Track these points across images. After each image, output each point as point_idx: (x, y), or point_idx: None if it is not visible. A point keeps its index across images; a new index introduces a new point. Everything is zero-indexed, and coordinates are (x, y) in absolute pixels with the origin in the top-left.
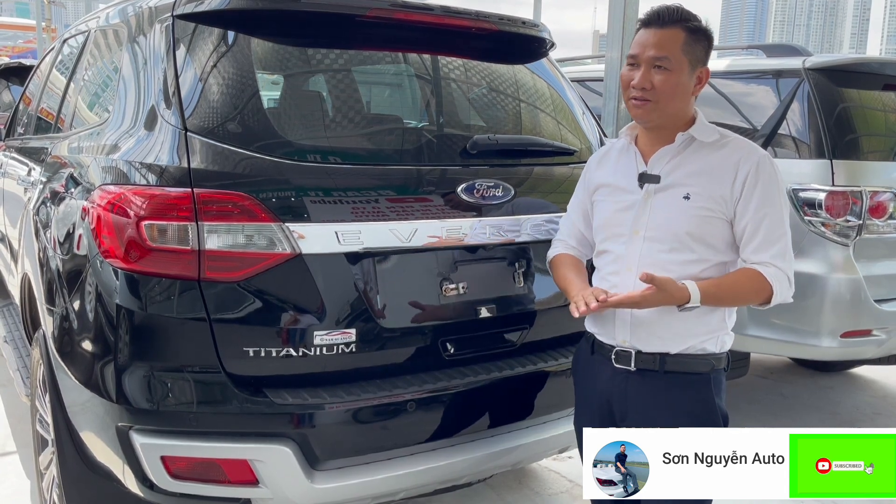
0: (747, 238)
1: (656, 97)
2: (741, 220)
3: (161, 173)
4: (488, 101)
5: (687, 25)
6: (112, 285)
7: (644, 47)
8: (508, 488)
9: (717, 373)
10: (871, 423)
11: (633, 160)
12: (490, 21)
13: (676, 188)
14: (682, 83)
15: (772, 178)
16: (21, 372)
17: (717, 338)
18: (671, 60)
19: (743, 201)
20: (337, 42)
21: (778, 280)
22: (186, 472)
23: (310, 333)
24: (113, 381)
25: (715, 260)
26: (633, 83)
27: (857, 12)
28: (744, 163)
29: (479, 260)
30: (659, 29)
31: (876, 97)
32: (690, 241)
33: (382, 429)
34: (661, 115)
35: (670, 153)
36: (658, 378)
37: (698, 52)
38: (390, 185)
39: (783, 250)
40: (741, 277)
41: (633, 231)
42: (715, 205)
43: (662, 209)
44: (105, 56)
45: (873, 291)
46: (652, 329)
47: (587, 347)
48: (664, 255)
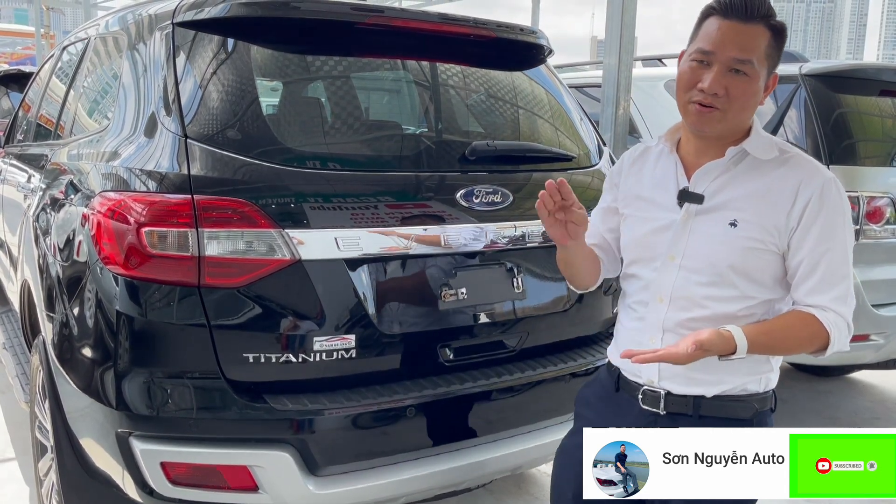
0: (803, 276)
1: (727, 106)
2: (797, 254)
3: (161, 180)
4: (486, 108)
5: (771, 23)
6: (112, 292)
7: (723, 45)
8: (508, 493)
9: (760, 416)
10: (870, 428)
11: (672, 171)
12: (488, 28)
13: (722, 212)
14: (756, 92)
15: (837, 206)
16: (20, 378)
17: (762, 376)
18: (754, 65)
19: (800, 232)
20: (336, 49)
21: (837, 327)
22: (186, 479)
23: (309, 339)
24: (113, 387)
25: (760, 298)
26: (701, 86)
27: (854, 18)
28: (805, 187)
29: (478, 266)
30: (743, 24)
31: (873, 103)
32: (732, 276)
33: (382, 434)
34: (726, 126)
35: (718, 169)
36: (692, 424)
37: (777, 56)
38: (389, 191)
39: (845, 293)
40: (795, 322)
41: (668, 256)
42: (767, 235)
43: (703, 235)
44: (105, 63)
45: (871, 296)
46: (683, 369)
47: (611, 383)
48: (701, 290)
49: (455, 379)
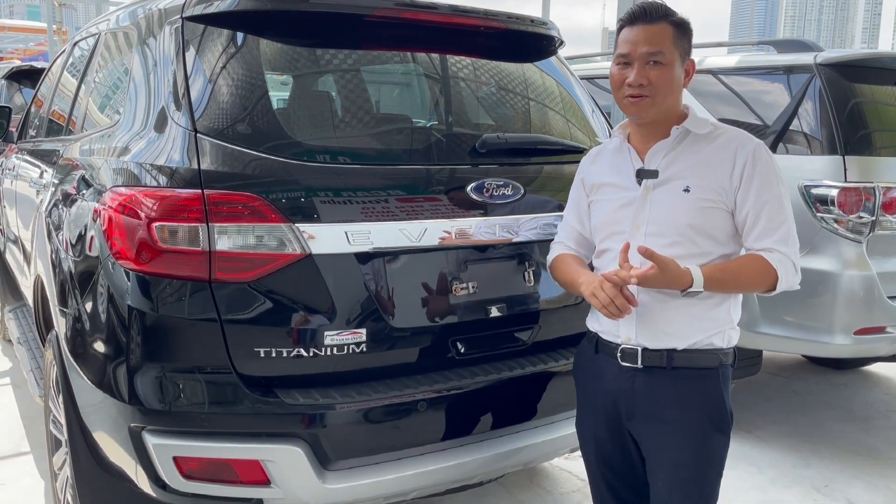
0: (749, 226)
1: (653, 92)
2: (742, 208)
3: (171, 175)
4: (497, 100)
5: (672, 20)
6: (124, 287)
7: (635, 44)
8: (520, 487)
9: (724, 368)
10: (886, 421)
11: (627, 158)
12: (498, 19)
13: (675, 181)
14: (675, 77)
15: (768, 165)
16: (34, 373)
17: (724, 333)
18: (665, 54)
19: (742, 190)
20: (345, 42)
21: (782, 264)
22: (199, 473)
23: (320, 334)
24: (125, 381)
25: (718, 252)
26: (628, 81)
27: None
28: (740, 152)
29: (489, 259)
30: (647, 25)
31: (888, 92)
32: (693, 234)
33: (393, 428)
34: (658, 110)
35: (666, 147)
36: (666, 374)
37: (685, 45)
38: (399, 184)
39: (786, 235)
40: (745, 262)
41: (633, 227)
42: (715, 195)
43: (663, 203)
44: (115, 58)
45: (887, 288)
46: (657, 325)
47: (590, 347)
48: (667, 250)
49: (466, 373)
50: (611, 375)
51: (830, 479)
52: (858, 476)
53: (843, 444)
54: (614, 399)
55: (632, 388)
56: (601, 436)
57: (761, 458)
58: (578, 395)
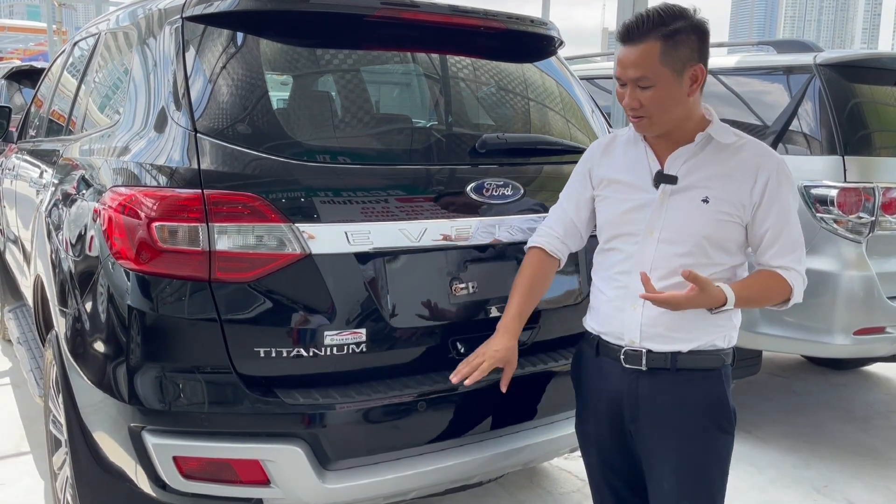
0: (767, 244)
1: (649, 112)
2: (762, 225)
3: (171, 175)
4: (497, 100)
5: (662, 33)
6: (123, 287)
7: (624, 70)
8: (520, 487)
9: (726, 368)
10: (886, 421)
11: (643, 156)
12: (498, 20)
13: (695, 190)
14: (669, 94)
15: (791, 183)
16: (34, 373)
17: (726, 334)
18: (650, 77)
19: (764, 207)
20: (345, 42)
21: (797, 283)
22: (198, 473)
23: (320, 333)
24: (125, 381)
25: (728, 263)
26: (623, 103)
27: (869, 7)
28: (763, 169)
29: (489, 259)
30: (633, 45)
31: (888, 92)
32: (707, 245)
33: (393, 428)
34: (661, 127)
35: (687, 153)
36: (670, 376)
37: (682, 54)
38: (399, 184)
39: (802, 254)
40: (767, 280)
41: (647, 231)
42: (733, 209)
43: (680, 211)
44: (115, 58)
45: (886, 288)
46: (662, 330)
47: (590, 349)
48: (679, 259)
49: None
50: (613, 377)
51: (830, 480)
52: (858, 476)
53: (843, 445)
54: (617, 401)
55: (635, 390)
56: (603, 437)
57: (761, 459)
58: (578, 396)
